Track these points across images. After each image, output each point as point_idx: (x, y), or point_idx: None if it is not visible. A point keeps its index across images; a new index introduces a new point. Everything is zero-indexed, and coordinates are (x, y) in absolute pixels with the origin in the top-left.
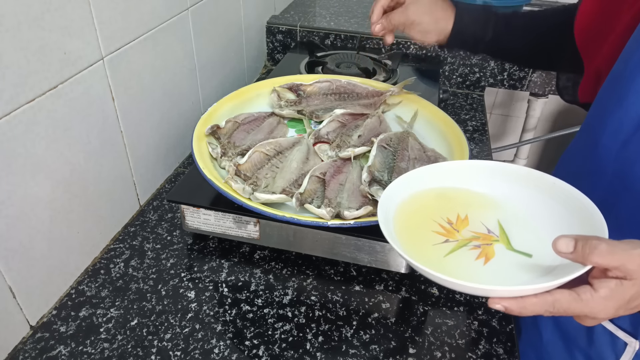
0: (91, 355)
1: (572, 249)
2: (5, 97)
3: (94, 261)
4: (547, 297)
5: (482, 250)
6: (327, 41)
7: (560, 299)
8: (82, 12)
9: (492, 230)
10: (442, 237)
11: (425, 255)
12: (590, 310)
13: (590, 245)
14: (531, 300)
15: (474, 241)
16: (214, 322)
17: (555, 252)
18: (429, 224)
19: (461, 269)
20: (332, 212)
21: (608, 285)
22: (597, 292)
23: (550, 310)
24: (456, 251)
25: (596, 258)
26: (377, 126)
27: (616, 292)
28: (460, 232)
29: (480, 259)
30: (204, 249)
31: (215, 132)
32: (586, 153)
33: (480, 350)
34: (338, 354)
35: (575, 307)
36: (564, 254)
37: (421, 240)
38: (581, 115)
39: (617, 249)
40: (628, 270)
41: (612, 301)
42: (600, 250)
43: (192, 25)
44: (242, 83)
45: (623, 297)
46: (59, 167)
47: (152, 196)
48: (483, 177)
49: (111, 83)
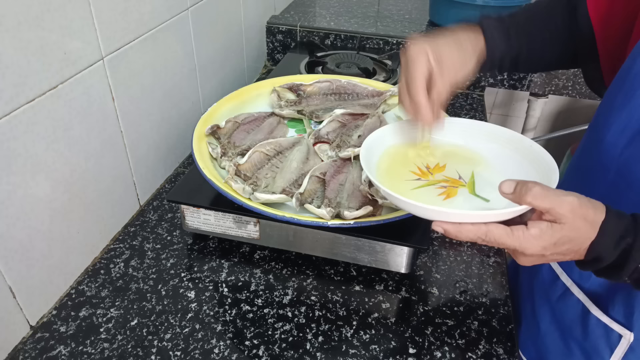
0: (91, 355)
1: (512, 190)
2: (5, 97)
3: (94, 261)
4: (482, 226)
5: (447, 190)
6: (327, 41)
7: (493, 230)
8: (82, 12)
9: (462, 177)
10: (415, 176)
11: (394, 186)
12: (520, 244)
13: (526, 187)
14: (467, 226)
15: (443, 183)
16: (214, 322)
17: (500, 192)
18: (409, 166)
19: (420, 199)
20: (332, 212)
21: (539, 225)
22: (528, 230)
23: (483, 237)
24: (424, 187)
25: (529, 198)
26: (377, 126)
27: (545, 233)
28: (434, 175)
29: (442, 196)
30: (204, 249)
31: (215, 132)
32: (592, 149)
33: (480, 350)
34: (338, 354)
35: (506, 240)
36: (505, 194)
37: (397, 175)
38: (581, 115)
39: (549, 192)
40: (558, 214)
41: (540, 240)
42: (533, 192)
43: (192, 25)
44: (242, 83)
45: (550, 238)
46: (59, 167)
47: (152, 196)
48: (473, 135)
49: (111, 83)
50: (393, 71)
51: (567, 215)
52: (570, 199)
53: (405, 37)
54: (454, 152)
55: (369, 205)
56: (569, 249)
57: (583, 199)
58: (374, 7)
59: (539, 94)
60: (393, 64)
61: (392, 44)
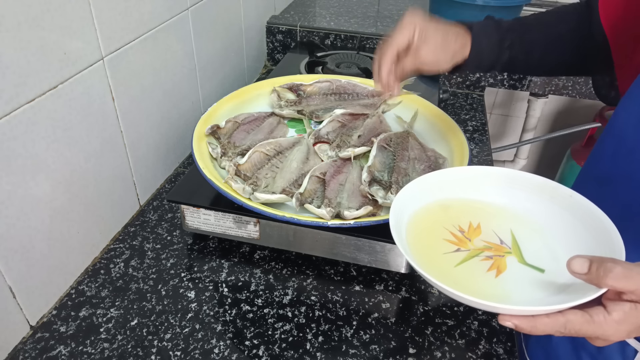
0: (91, 355)
1: (587, 270)
2: (5, 97)
3: (94, 261)
4: (559, 317)
5: (494, 262)
6: (327, 41)
7: (573, 320)
8: (82, 12)
9: (504, 241)
10: (453, 245)
11: (435, 265)
12: (603, 332)
13: (605, 267)
14: (543, 320)
15: (486, 251)
16: (214, 322)
17: (569, 271)
18: (441, 232)
19: (472, 281)
20: (332, 212)
21: (622, 308)
22: (610, 315)
23: (562, 330)
24: (467, 261)
25: (611, 281)
26: (377, 126)
27: (630, 316)
28: (472, 241)
29: (492, 271)
30: (204, 249)
31: (215, 132)
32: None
33: (480, 350)
34: (338, 354)
35: (588, 329)
36: (578, 274)
37: (432, 248)
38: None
39: (632, 272)
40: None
41: (625, 325)
42: (615, 274)
43: (192, 25)
44: (242, 83)
45: (636, 320)
46: (59, 167)
47: (152, 196)
48: (496, 184)
49: (111, 83)
50: None
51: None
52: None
53: None
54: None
55: (369, 205)
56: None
57: None
58: (374, 7)
59: (539, 94)
60: None
61: None
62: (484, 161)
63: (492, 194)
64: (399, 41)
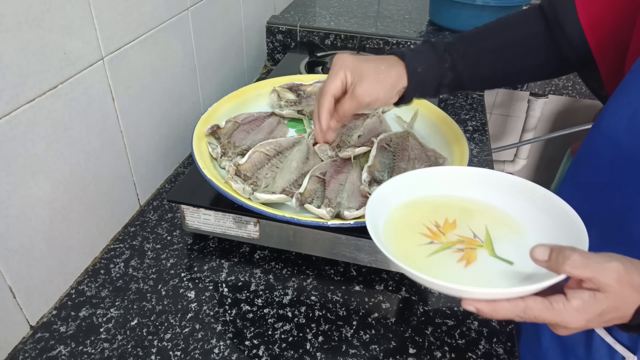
0: (91, 355)
1: (547, 257)
2: (5, 97)
3: (94, 261)
4: (519, 302)
5: (465, 254)
6: (327, 41)
7: (532, 306)
8: (82, 12)
9: (478, 236)
10: (427, 238)
11: (408, 255)
12: (562, 319)
13: (563, 255)
14: (503, 304)
15: (458, 244)
16: (214, 322)
17: (532, 259)
18: (417, 226)
19: (441, 269)
20: (332, 212)
21: (581, 296)
22: (569, 302)
23: (521, 315)
24: (439, 252)
25: (568, 268)
26: (377, 126)
27: (588, 304)
28: (446, 235)
29: (462, 262)
30: (204, 249)
31: (215, 132)
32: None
33: (480, 350)
34: (338, 354)
35: (547, 316)
36: (539, 261)
37: (406, 240)
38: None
39: (590, 260)
40: (601, 283)
41: (584, 313)
42: (572, 261)
43: (192, 25)
44: (242, 83)
45: (595, 310)
46: (59, 167)
47: (152, 196)
48: (477, 184)
49: (111, 83)
50: None
51: (613, 284)
52: (614, 265)
53: (405, 37)
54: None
55: None
56: (614, 316)
57: (626, 263)
58: (374, 7)
59: (539, 94)
60: None
61: (392, 44)
62: (484, 161)
63: (471, 193)
64: (332, 87)
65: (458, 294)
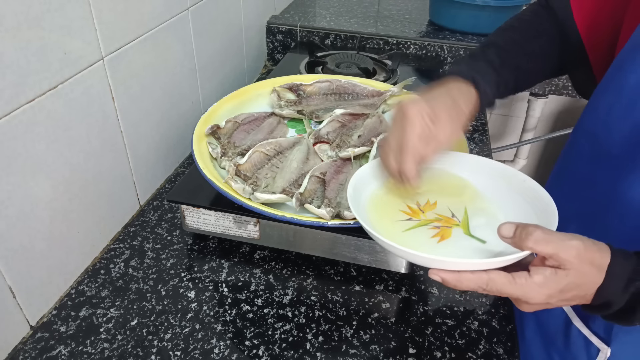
0: (91, 355)
1: (512, 234)
2: (5, 97)
3: (94, 261)
4: (482, 275)
5: (440, 231)
6: (327, 41)
7: (495, 279)
8: (82, 12)
9: (456, 215)
10: (406, 215)
11: (384, 228)
12: (524, 294)
13: (526, 231)
14: (467, 275)
15: (435, 222)
16: (214, 322)
17: (499, 236)
18: (399, 204)
19: (413, 243)
20: (332, 212)
21: (543, 272)
22: (531, 278)
23: (484, 287)
24: (415, 228)
25: (531, 244)
26: (377, 126)
27: (549, 280)
28: (425, 214)
29: (436, 238)
30: (204, 249)
31: (215, 132)
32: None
33: (480, 350)
34: (338, 354)
35: (509, 289)
36: (505, 238)
37: (386, 215)
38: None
39: (552, 237)
40: (562, 260)
41: (545, 288)
42: (535, 237)
43: (192, 25)
44: (242, 83)
45: (556, 286)
46: (59, 167)
47: (152, 196)
48: (462, 168)
49: (111, 83)
50: (393, 71)
51: (573, 261)
52: (575, 242)
53: (405, 37)
54: (445, 184)
55: None
56: (576, 294)
57: (587, 242)
58: (374, 7)
59: (539, 94)
60: (393, 64)
61: (392, 44)
62: None
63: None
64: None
65: (425, 262)
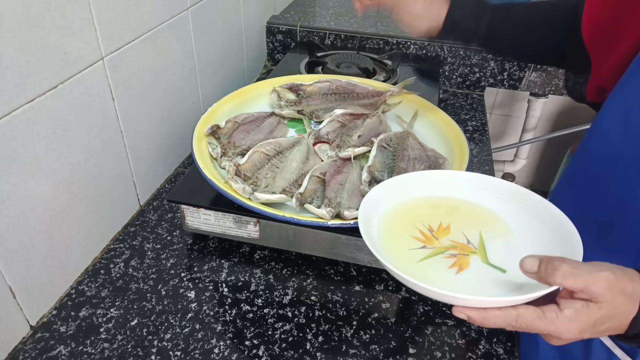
0: (91, 355)
1: (536, 268)
2: (5, 97)
3: (94, 261)
4: (510, 311)
5: (457, 260)
6: (327, 41)
7: (524, 314)
8: (82, 12)
9: (471, 242)
10: (420, 242)
11: (399, 258)
12: (555, 329)
13: (552, 266)
14: (494, 312)
15: (451, 250)
16: (214, 322)
17: (521, 271)
18: (410, 229)
19: (432, 275)
20: (332, 212)
21: (574, 306)
22: (562, 312)
23: (513, 324)
24: (431, 258)
25: (558, 279)
26: (377, 126)
27: (581, 314)
28: (439, 240)
29: (454, 268)
30: (204, 249)
31: (215, 132)
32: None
33: (480, 350)
34: (338, 354)
35: (539, 325)
36: (529, 273)
37: (399, 243)
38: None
39: (580, 271)
40: (593, 293)
41: (577, 323)
42: (562, 272)
43: (192, 25)
44: (242, 83)
45: (588, 319)
46: (59, 167)
47: (152, 196)
48: (472, 188)
49: (111, 83)
50: (393, 71)
51: (605, 293)
52: (605, 274)
53: (405, 37)
54: (456, 208)
55: None
56: (609, 326)
57: (617, 272)
58: None
59: (539, 94)
60: (393, 64)
61: (392, 44)
62: (483, 161)
63: (467, 197)
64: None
65: (449, 300)
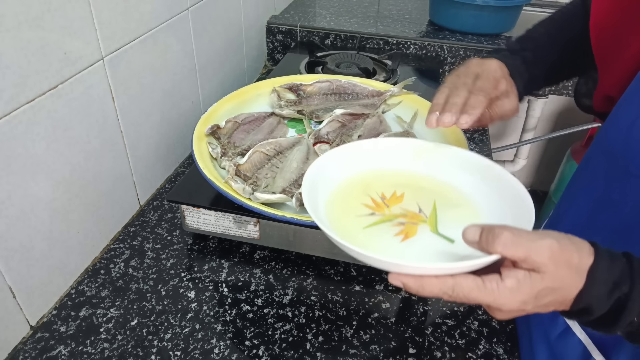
0: (91, 355)
1: (478, 238)
2: (5, 97)
3: (94, 261)
4: (448, 279)
5: (405, 228)
6: (327, 41)
7: (462, 283)
8: (82, 12)
9: (423, 211)
10: (369, 210)
11: (343, 224)
12: (494, 300)
13: (493, 234)
14: (431, 280)
15: (401, 218)
16: (214, 322)
17: (464, 241)
18: (363, 197)
19: (374, 242)
20: None
21: (516, 275)
22: (503, 282)
23: (449, 293)
24: (378, 225)
25: (499, 248)
26: (377, 126)
27: (523, 284)
28: (390, 208)
29: (399, 236)
30: (204, 249)
31: (215, 132)
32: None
33: (480, 350)
34: (338, 354)
35: (478, 295)
36: (470, 243)
37: (347, 210)
38: (581, 115)
39: (521, 239)
40: (535, 262)
41: (518, 294)
42: (502, 240)
43: (192, 25)
44: (242, 83)
45: (530, 291)
46: (59, 167)
47: (152, 196)
48: (434, 159)
49: (111, 83)
50: (393, 71)
51: (547, 263)
52: (549, 242)
53: (405, 37)
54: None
55: None
56: (553, 300)
57: (564, 241)
58: (374, 7)
59: (539, 94)
60: (393, 64)
61: (392, 44)
62: None
63: (425, 168)
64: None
65: (384, 266)
